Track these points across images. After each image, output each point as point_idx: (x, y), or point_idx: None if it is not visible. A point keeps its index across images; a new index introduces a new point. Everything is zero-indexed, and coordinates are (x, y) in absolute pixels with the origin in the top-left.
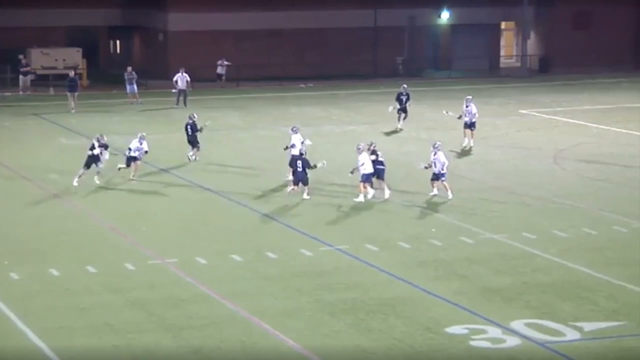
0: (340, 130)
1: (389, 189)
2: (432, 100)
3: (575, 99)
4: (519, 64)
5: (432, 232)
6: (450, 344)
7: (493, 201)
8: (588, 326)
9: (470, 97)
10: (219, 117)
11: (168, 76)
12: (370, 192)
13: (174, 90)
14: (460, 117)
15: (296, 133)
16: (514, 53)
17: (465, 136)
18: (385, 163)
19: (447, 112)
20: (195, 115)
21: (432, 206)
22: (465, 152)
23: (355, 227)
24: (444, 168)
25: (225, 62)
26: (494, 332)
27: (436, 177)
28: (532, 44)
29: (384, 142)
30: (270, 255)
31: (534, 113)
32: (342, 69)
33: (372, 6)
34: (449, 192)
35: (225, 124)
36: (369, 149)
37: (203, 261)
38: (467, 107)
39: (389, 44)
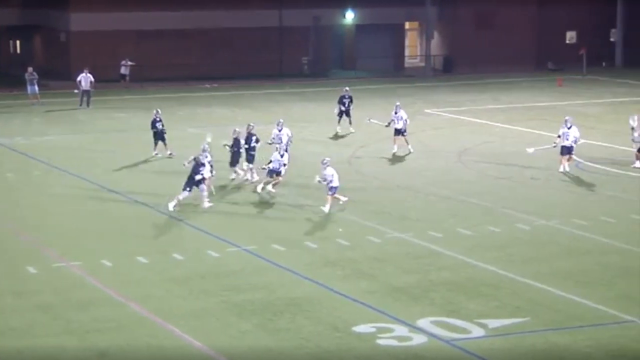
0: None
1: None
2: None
3: (478, 99)
4: (423, 64)
5: (339, 232)
6: (358, 343)
7: (399, 200)
8: (493, 323)
9: (398, 103)
10: (124, 118)
11: (70, 77)
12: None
13: (76, 91)
14: (388, 125)
15: (280, 129)
16: (418, 53)
17: (395, 143)
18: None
19: (370, 120)
20: (159, 111)
21: (338, 206)
22: (371, 152)
23: (262, 228)
24: (331, 181)
25: (129, 62)
26: (400, 330)
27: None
28: (436, 43)
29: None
30: (177, 256)
31: (439, 112)
32: (248, 69)
33: (277, 6)
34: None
35: (131, 125)
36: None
37: (108, 264)
38: (396, 113)
39: (295, 44)
